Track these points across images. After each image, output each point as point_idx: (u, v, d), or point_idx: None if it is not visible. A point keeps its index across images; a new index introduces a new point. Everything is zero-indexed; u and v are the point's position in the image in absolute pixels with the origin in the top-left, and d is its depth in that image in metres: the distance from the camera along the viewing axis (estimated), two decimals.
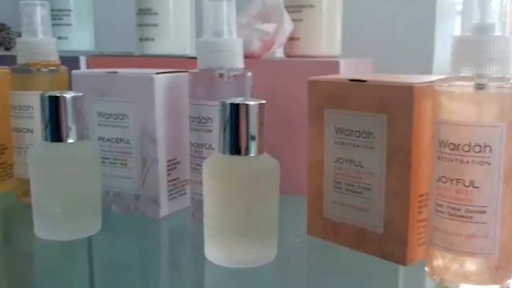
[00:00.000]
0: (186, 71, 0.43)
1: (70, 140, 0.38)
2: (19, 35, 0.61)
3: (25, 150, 0.47)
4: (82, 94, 0.39)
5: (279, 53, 0.56)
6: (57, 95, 0.38)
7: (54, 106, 0.38)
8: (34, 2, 0.47)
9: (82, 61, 0.54)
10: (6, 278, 0.37)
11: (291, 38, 0.51)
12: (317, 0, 0.51)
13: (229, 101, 0.35)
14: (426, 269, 0.33)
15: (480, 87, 0.30)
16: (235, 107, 0.34)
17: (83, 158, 0.39)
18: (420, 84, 0.33)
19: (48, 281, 0.35)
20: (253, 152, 0.35)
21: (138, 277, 0.35)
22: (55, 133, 0.38)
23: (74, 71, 0.46)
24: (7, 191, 0.51)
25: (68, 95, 0.38)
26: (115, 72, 0.44)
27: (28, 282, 0.36)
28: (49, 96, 0.38)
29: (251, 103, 0.34)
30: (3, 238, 0.44)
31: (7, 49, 0.61)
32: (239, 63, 0.42)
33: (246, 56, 0.43)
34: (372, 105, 0.34)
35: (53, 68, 0.47)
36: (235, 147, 0.35)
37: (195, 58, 0.50)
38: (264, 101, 0.35)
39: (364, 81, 0.35)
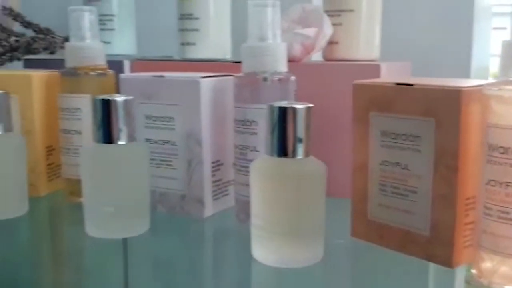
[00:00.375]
0: (231, 75, 0.44)
1: (121, 142, 0.40)
2: (64, 39, 0.63)
3: (73, 151, 0.49)
4: (132, 97, 0.41)
5: (316, 57, 0.57)
6: (109, 98, 0.39)
7: (106, 109, 0.39)
8: (81, 7, 0.49)
9: (126, 65, 0.55)
10: (57, 273, 0.38)
11: (330, 42, 0.52)
12: (357, 5, 0.51)
13: (277, 104, 0.36)
14: (473, 271, 0.33)
15: None
16: (283, 111, 0.35)
17: (133, 159, 0.40)
18: (467, 88, 0.33)
19: (96, 278, 0.37)
20: (300, 154, 0.35)
21: (190, 275, 0.36)
22: (107, 135, 0.40)
23: (122, 75, 0.47)
24: (55, 191, 0.52)
25: (120, 98, 0.40)
26: (162, 76, 0.45)
27: (77, 278, 0.37)
28: (102, 99, 0.39)
29: (299, 106, 0.35)
30: (54, 236, 0.46)
31: (51, 53, 0.62)
32: (283, 67, 0.43)
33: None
34: (419, 109, 0.35)
35: (101, 72, 0.49)
36: (283, 149, 0.35)
37: (235, 62, 0.52)
38: (311, 105, 0.36)
39: (411, 85, 0.36)
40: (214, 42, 0.56)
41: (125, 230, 0.40)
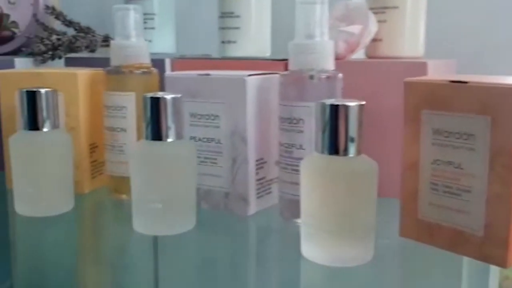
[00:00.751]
0: (276, 73, 0.44)
1: (169, 139, 0.40)
2: (103, 38, 0.63)
3: (117, 149, 0.49)
4: (181, 95, 0.41)
5: (357, 54, 0.56)
6: (158, 96, 0.40)
7: (155, 106, 0.40)
8: (127, 6, 0.50)
9: (167, 63, 0.56)
10: (104, 268, 0.39)
11: (374, 40, 0.51)
12: (402, 2, 0.50)
13: (328, 102, 0.35)
14: None
15: None
16: (335, 108, 0.35)
17: (181, 156, 0.41)
18: None
19: (141, 274, 0.37)
20: (352, 152, 0.35)
21: (237, 272, 0.36)
22: (156, 132, 0.40)
23: (167, 73, 0.48)
24: (97, 187, 0.53)
25: (169, 96, 0.40)
26: (208, 74, 0.45)
27: (121, 274, 0.38)
28: (151, 97, 0.40)
29: (351, 104, 0.35)
30: (102, 232, 0.46)
31: (92, 51, 0.63)
32: (330, 64, 0.42)
33: None
34: (474, 107, 0.34)
35: (145, 70, 0.49)
36: (334, 147, 0.35)
37: (275, 60, 0.52)
38: (363, 102, 0.35)
39: (466, 82, 0.35)
40: (255, 40, 0.56)
41: (172, 227, 0.40)
